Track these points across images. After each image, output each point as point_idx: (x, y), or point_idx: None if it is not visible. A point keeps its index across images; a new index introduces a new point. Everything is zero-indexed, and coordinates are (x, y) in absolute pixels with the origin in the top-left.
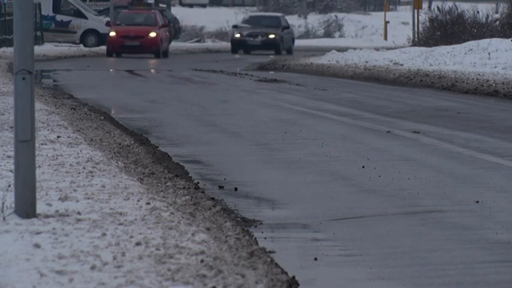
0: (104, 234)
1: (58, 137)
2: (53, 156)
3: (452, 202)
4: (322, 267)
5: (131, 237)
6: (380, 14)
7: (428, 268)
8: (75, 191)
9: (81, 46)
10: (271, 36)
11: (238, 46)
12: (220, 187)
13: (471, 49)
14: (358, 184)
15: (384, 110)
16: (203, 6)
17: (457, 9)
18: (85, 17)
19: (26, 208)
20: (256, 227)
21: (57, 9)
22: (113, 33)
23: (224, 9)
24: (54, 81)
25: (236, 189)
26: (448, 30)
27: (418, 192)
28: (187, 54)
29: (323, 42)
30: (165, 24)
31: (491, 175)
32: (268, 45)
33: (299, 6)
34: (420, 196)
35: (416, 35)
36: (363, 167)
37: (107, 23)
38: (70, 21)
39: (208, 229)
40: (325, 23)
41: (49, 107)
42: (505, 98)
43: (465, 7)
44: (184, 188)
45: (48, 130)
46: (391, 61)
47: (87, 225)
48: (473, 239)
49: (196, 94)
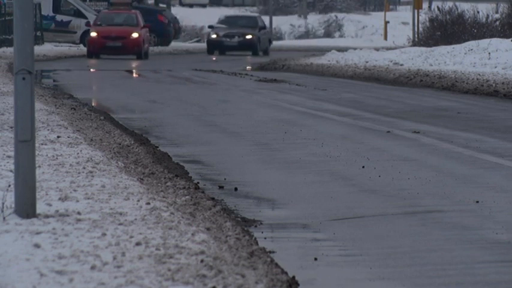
0: (104, 234)
1: (58, 137)
2: (53, 156)
3: (452, 202)
4: (322, 267)
5: (131, 237)
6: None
7: (428, 268)
8: (75, 191)
9: (81, 46)
10: (248, 36)
11: (214, 47)
12: (220, 187)
13: (471, 49)
14: (358, 184)
15: (384, 110)
16: (203, 6)
17: (457, 9)
18: (85, 17)
19: (26, 208)
20: (256, 227)
21: (57, 9)
22: (93, 34)
23: (224, 9)
24: (54, 81)
25: (236, 189)
26: (448, 30)
27: (418, 192)
28: (188, 55)
29: (323, 42)
30: (147, 25)
31: (491, 175)
32: (245, 46)
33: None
34: (420, 196)
35: (416, 35)
36: (363, 167)
37: (87, 23)
38: (70, 21)
39: (208, 229)
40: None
41: (49, 107)
42: (505, 98)
43: (465, 7)
44: (184, 188)
45: (48, 130)
46: (391, 61)
47: (87, 225)
48: (473, 239)
49: (196, 94)
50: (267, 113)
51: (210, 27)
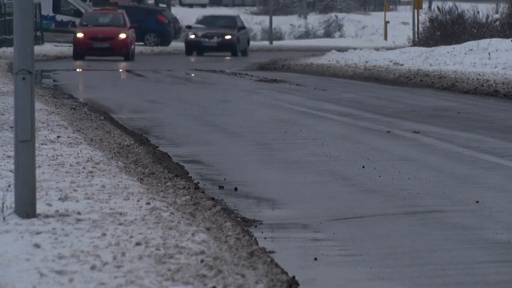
0: (104, 234)
1: (58, 137)
2: (53, 156)
3: (452, 202)
4: (322, 267)
5: (131, 237)
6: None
7: (428, 268)
8: (75, 191)
9: None
10: (228, 37)
11: (193, 48)
12: (220, 187)
13: (471, 49)
14: (358, 184)
15: (384, 110)
16: (203, 6)
17: (457, 9)
18: None
19: (26, 208)
20: (256, 227)
21: (57, 9)
22: (80, 35)
23: (224, 9)
24: (54, 81)
25: (236, 189)
26: (448, 30)
27: (418, 192)
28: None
29: (323, 42)
30: (134, 26)
31: (491, 175)
32: (224, 47)
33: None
34: (420, 196)
35: (416, 35)
36: (363, 167)
37: (72, 24)
38: (70, 21)
39: (208, 229)
40: (325, 23)
41: (49, 107)
42: (505, 98)
43: (465, 7)
44: (184, 188)
45: (48, 130)
46: (391, 61)
47: (87, 225)
48: (473, 239)
49: (196, 94)
50: (267, 113)
51: (188, 27)
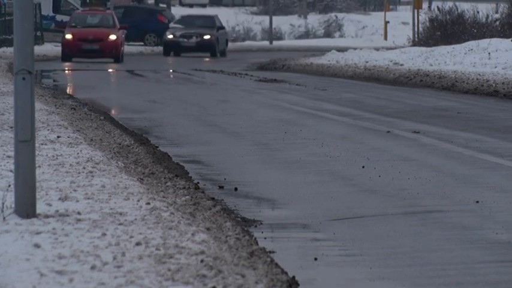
0: (104, 234)
1: (58, 137)
2: (53, 156)
3: (452, 202)
4: (322, 267)
5: (131, 237)
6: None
7: (428, 268)
8: (75, 191)
9: None
10: (207, 37)
11: (171, 48)
12: (220, 187)
13: (471, 49)
14: (358, 184)
15: (384, 110)
16: (203, 6)
17: (457, 9)
18: None
19: (26, 208)
20: (256, 227)
21: (57, 9)
22: (69, 36)
23: (224, 9)
24: (54, 81)
25: (236, 189)
26: (448, 30)
27: (418, 192)
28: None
29: (323, 42)
30: (124, 27)
31: (491, 175)
32: (203, 47)
33: (299, 6)
34: (420, 196)
35: (416, 35)
36: (363, 167)
37: (60, 25)
38: None
39: (208, 229)
40: (325, 23)
41: (49, 107)
42: (505, 98)
43: (465, 7)
44: (184, 188)
45: (48, 130)
46: (391, 61)
47: (87, 225)
48: (473, 239)
49: (196, 94)
50: (267, 113)
51: (167, 27)
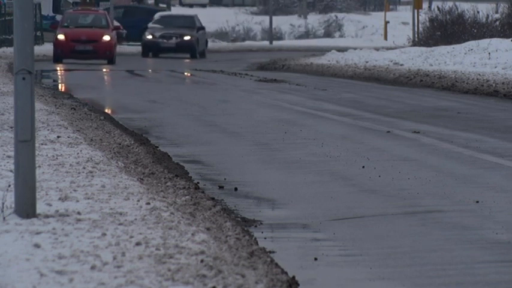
0: (104, 234)
1: (58, 137)
2: (53, 156)
3: (452, 202)
4: (322, 267)
5: (131, 237)
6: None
7: (428, 268)
8: (75, 191)
9: None
10: (187, 37)
11: (150, 49)
12: (220, 187)
13: (471, 49)
14: (358, 184)
15: (384, 110)
16: (203, 6)
17: (457, 9)
18: None
19: (26, 208)
20: (256, 227)
21: (57, 9)
22: (61, 37)
23: (224, 9)
24: (54, 81)
25: (236, 189)
26: (448, 30)
27: (418, 192)
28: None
29: (323, 42)
30: (118, 27)
31: (491, 175)
32: (183, 48)
33: (299, 6)
34: (420, 196)
35: (416, 35)
36: (363, 167)
37: (51, 25)
38: None
39: (208, 229)
40: (325, 23)
41: (49, 107)
42: (505, 98)
43: (465, 7)
44: (184, 188)
45: (48, 130)
46: (391, 61)
47: (87, 225)
48: (473, 239)
49: (196, 94)
50: (267, 113)
51: (145, 27)
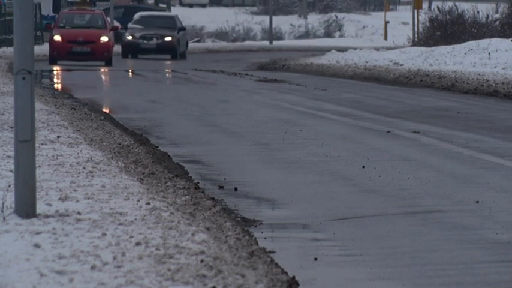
0: (104, 234)
1: (58, 137)
2: (53, 156)
3: (452, 202)
4: (322, 267)
5: (131, 237)
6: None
7: (428, 268)
8: (75, 191)
9: None
10: (168, 38)
11: (129, 50)
12: (220, 187)
13: (471, 49)
14: (358, 184)
15: (384, 110)
16: (203, 6)
17: (457, 9)
18: None
19: (26, 208)
20: (256, 227)
21: (57, 9)
22: (57, 37)
23: (224, 9)
24: (51, 80)
25: (236, 189)
26: (448, 30)
27: (418, 192)
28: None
29: (323, 42)
30: (116, 27)
31: (491, 175)
32: (164, 49)
33: (299, 6)
34: (420, 196)
35: (416, 35)
36: (363, 167)
37: (46, 25)
38: None
39: (208, 229)
40: (325, 23)
41: (49, 107)
42: (505, 98)
43: (465, 7)
44: (184, 188)
45: (48, 130)
46: (391, 61)
47: (87, 225)
48: (473, 239)
49: (196, 94)
50: (267, 113)
51: (125, 28)
